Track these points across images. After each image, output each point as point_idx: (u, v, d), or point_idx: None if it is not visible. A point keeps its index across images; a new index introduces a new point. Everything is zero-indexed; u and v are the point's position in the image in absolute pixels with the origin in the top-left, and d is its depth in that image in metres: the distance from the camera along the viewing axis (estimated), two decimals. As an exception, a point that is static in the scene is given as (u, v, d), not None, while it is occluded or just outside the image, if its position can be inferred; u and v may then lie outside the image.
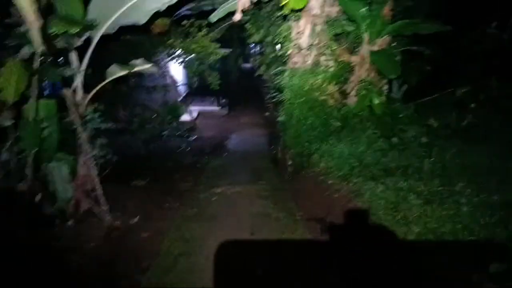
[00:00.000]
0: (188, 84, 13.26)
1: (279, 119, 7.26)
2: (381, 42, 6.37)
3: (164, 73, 9.49)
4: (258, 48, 17.51)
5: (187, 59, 8.98)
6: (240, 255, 3.98)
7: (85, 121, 4.49)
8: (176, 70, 10.89)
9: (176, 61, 9.40)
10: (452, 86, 6.33)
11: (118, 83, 6.89)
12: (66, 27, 3.52)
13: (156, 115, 8.89)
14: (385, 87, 6.37)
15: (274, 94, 7.98)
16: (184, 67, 9.54)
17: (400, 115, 5.80)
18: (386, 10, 6.30)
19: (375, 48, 6.33)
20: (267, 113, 12.61)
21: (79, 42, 4.36)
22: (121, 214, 4.68)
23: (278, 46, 8.64)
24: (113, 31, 4.52)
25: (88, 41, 4.40)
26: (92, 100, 4.58)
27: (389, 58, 5.76)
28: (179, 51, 9.33)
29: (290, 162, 6.87)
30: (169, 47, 8.26)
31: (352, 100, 6.34)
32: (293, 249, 4.17)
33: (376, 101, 5.59)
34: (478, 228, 3.48)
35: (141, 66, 4.52)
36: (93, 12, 4.17)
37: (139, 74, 6.40)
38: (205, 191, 5.66)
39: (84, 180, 4.50)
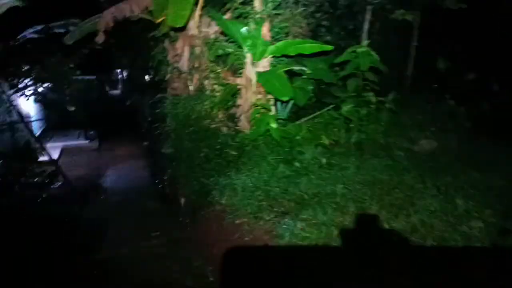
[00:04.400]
0: (45, 118, 10.69)
1: (165, 151, 6.04)
2: (265, 62, 5.79)
3: (10, 108, 7.22)
4: (127, 72, 15.59)
5: (39, 89, 6.98)
6: None
7: None
8: (27, 104, 8.54)
9: (24, 93, 7.25)
10: (334, 103, 6.09)
11: None
12: None
13: (1, 160, 6.59)
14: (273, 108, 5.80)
15: (154, 124, 6.75)
16: (36, 100, 7.44)
17: (297, 137, 5.22)
18: (265, 30, 5.75)
19: (260, 69, 5.71)
20: (145, 143, 11.04)
21: None
22: None
23: (151, 71, 7.44)
24: None
25: None
26: None
27: (278, 79, 5.18)
28: (27, 81, 7.24)
29: (183, 201, 5.70)
30: (11, 76, 6.21)
31: (244, 125, 5.56)
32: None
33: (274, 125, 4.90)
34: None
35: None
36: None
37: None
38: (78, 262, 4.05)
39: None
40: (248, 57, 5.65)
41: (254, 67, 5.70)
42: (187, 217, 5.16)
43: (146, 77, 9.17)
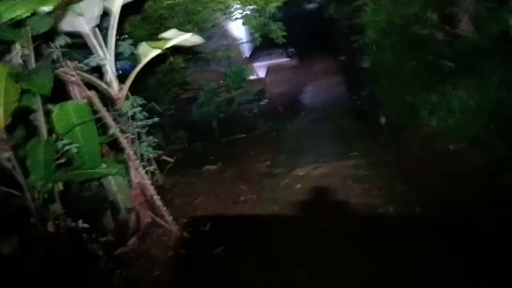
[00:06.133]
0: (252, 39, 11.65)
1: (363, 65, 5.50)
2: None
3: (224, 33, 8.04)
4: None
5: (244, 13, 7.37)
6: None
7: (127, 119, 3.39)
8: (236, 27, 9.34)
9: (234, 17, 7.82)
10: None
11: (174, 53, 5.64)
12: (27, 6, 2.22)
13: (222, 81, 7.61)
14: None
15: (352, 36, 6.16)
16: (244, 23, 7.95)
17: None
18: None
19: None
20: (341, 58, 10.60)
21: (94, 21, 3.15)
22: (189, 221, 3.66)
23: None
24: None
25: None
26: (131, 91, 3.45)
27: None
28: (234, 6, 7.70)
29: (384, 120, 5.20)
30: (221, 3, 6.73)
31: (468, 27, 4.31)
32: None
33: (514, 22, 3.56)
34: None
35: (177, 38, 3.17)
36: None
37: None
38: (285, 175, 4.36)
39: (140, 190, 3.50)
40: None
41: None
42: (389, 139, 4.70)
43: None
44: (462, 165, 3.39)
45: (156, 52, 3.24)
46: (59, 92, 3.22)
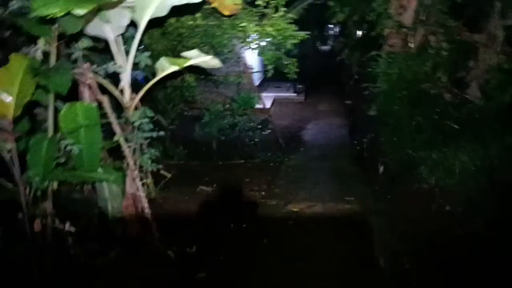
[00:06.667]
0: (263, 70, 11.91)
1: (369, 113, 5.61)
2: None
3: (238, 59, 8.21)
4: (337, 29, 15.41)
5: (261, 44, 7.58)
6: None
7: (133, 128, 3.41)
8: (250, 56, 9.56)
9: (249, 47, 8.02)
10: None
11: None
12: (62, 6, 2.27)
13: (228, 105, 7.72)
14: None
15: (361, 83, 6.34)
16: (259, 53, 8.16)
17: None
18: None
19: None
20: (348, 101, 10.83)
21: (120, 30, 3.23)
22: (176, 240, 3.59)
23: (366, 26, 6.93)
24: (164, 14, 3.30)
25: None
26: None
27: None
28: (253, 36, 7.91)
29: (382, 169, 5.24)
30: (241, 31, 6.93)
31: (475, 93, 4.46)
32: None
33: (522, 96, 3.70)
34: None
35: (197, 58, 3.26)
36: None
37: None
38: (279, 209, 4.33)
39: (132, 200, 3.46)
40: (497, 7, 4.40)
41: (503, 20, 4.42)
42: (385, 188, 4.72)
43: (359, 32, 8.63)
44: (457, 227, 3.40)
45: (174, 68, 3.31)
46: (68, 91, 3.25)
